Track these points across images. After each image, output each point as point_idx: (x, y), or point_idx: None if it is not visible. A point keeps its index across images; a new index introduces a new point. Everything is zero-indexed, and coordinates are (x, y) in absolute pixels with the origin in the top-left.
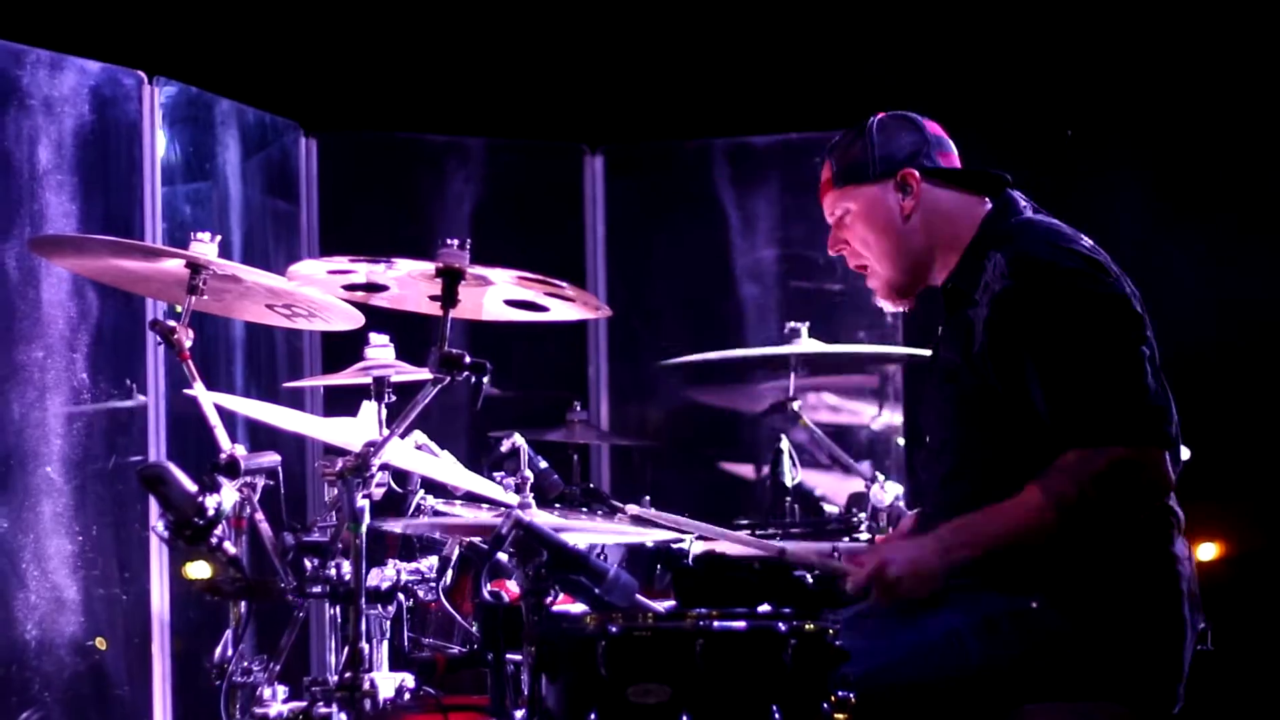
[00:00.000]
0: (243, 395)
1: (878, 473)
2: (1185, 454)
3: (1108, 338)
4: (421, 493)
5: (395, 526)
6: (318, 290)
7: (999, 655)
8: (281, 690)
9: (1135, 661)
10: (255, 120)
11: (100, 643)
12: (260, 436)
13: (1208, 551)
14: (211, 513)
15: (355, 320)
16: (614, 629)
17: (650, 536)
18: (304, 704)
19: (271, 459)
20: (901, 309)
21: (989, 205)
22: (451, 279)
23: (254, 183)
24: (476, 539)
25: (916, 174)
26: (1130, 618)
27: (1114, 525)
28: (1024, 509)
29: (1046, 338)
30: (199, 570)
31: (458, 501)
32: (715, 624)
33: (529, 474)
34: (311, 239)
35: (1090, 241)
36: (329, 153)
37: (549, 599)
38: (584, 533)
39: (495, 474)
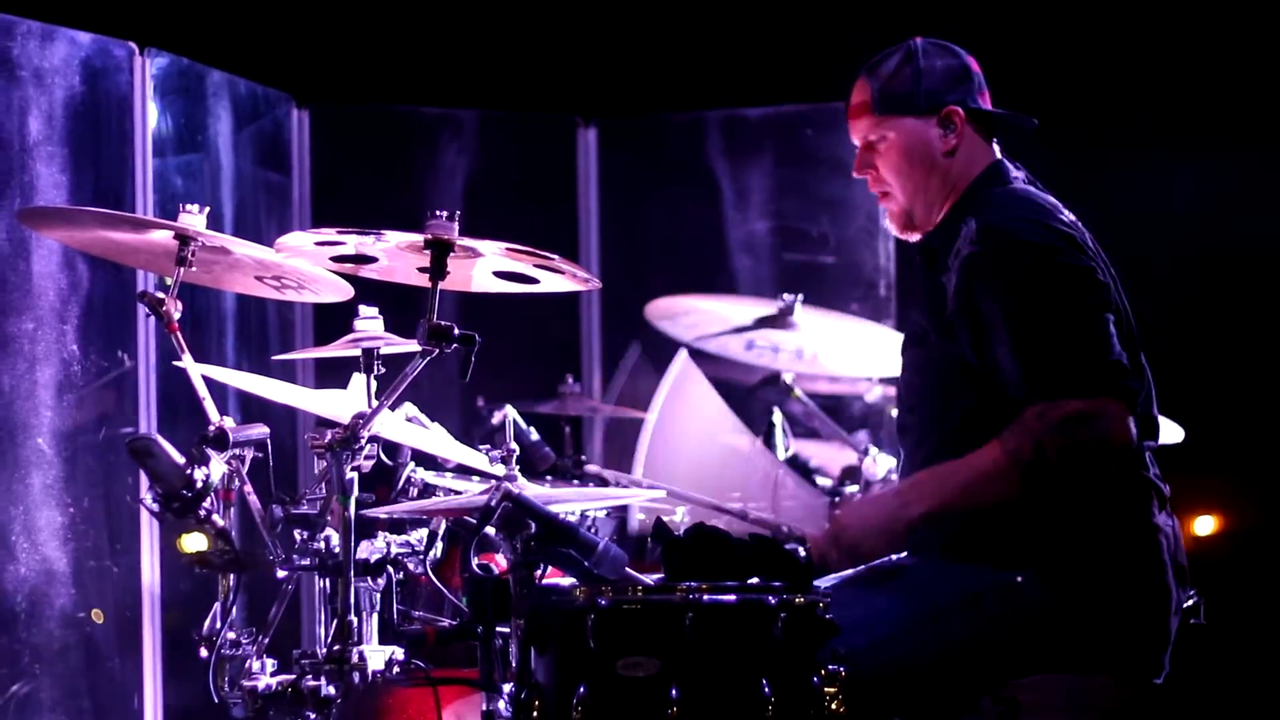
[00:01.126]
0: (234, 367)
1: (870, 445)
2: (1178, 435)
3: (1066, 301)
4: (412, 465)
5: (379, 512)
6: (306, 262)
7: (985, 630)
8: (270, 663)
9: (1120, 633)
10: (247, 92)
11: (97, 615)
12: (251, 408)
13: (1206, 525)
14: (200, 485)
15: (345, 292)
16: (603, 602)
17: (633, 500)
18: (293, 676)
19: (260, 431)
20: (911, 238)
21: (988, 163)
22: (440, 251)
23: (246, 155)
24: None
25: (962, 113)
26: (1114, 590)
27: (1085, 489)
28: (981, 462)
29: (1007, 302)
30: (195, 542)
31: (448, 474)
32: (705, 597)
33: (515, 446)
34: (303, 211)
35: (1070, 217)
36: (321, 125)
37: (538, 572)
38: (574, 503)
39: (486, 446)
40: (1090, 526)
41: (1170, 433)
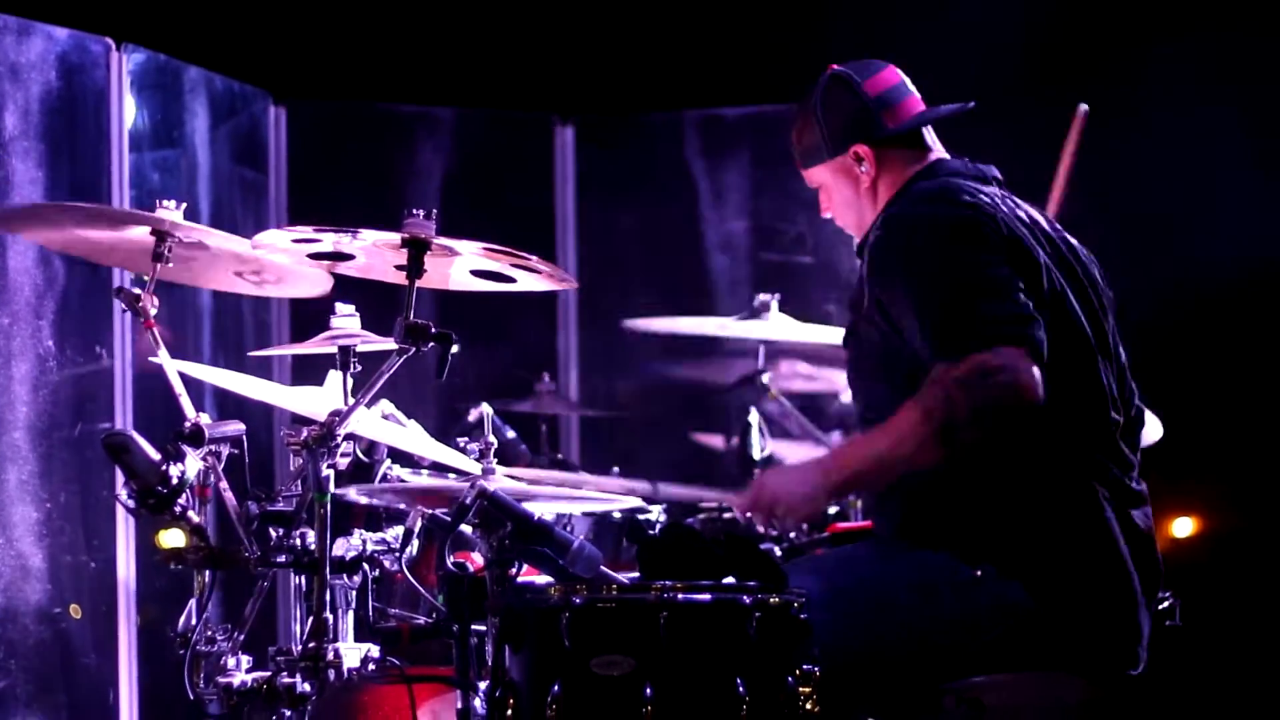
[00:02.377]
0: (210, 364)
1: None
2: (1158, 432)
3: (953, 259)
4: (388, 462)
5: (360, 496)
6: (285, 256)
7: (936, 620)
8: (246, 659)
9: (1083, 630)
10: (224, 88)
11: (74, 610)
12: (228, 405)
13: (1185, 528)
14: (175, 481)
15: (324, 284)
16: (578, 600)
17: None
18: (268, 673)
19: (236, 427)
20: None
21: (919, 166)
22: (417, 249)
23: (223, 151)
24: (439, 510)
25: (866, 148)
26: (1071, 587)
27: (1031, 475)
28: (897, 426)
29: (904, 276)
30: (173, 538)
31: (424, 471)
32: (679, 596)
33: (493, 440)
34: (280, 208)
35: (984, 200)
36: (298, 121)
37: (513, 570)
38: (550, 502)
39: (465, 439)
40: (1041, 521)
41: (1150, 429)
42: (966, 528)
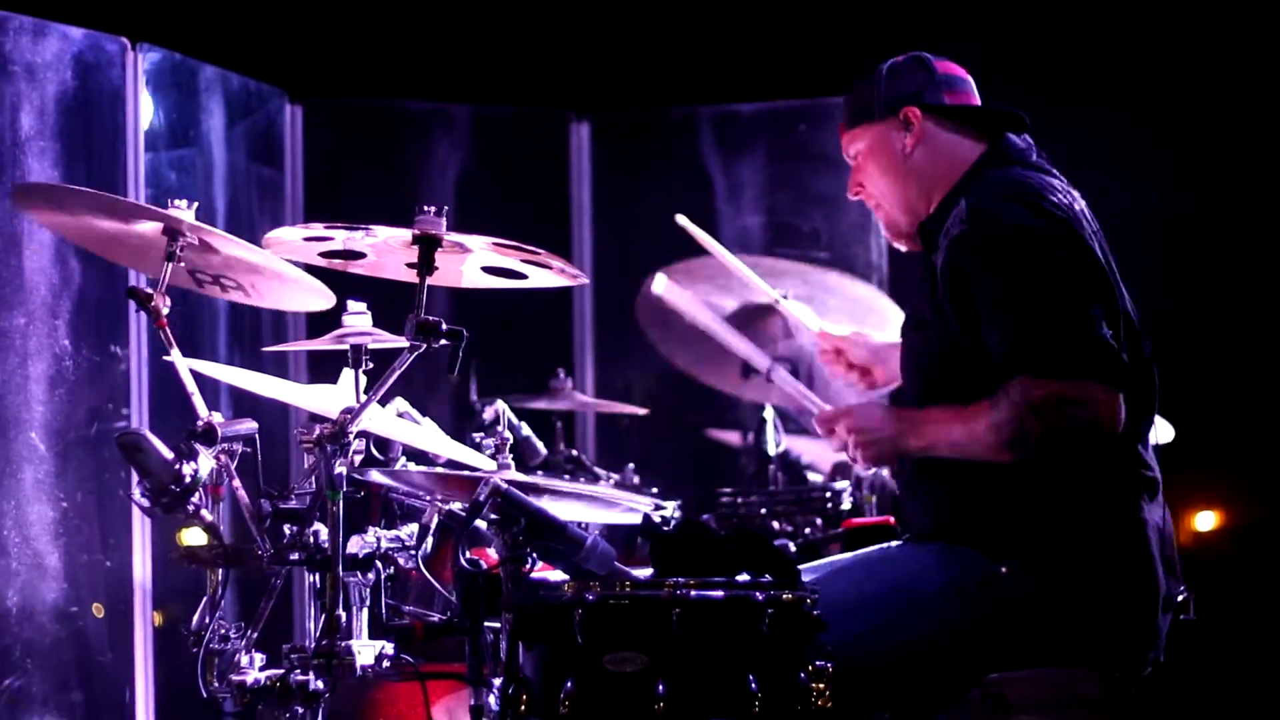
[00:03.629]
0: (226, 362)
1: None
2: (1168, 434)
3: (1051, 281)
4: (403, 460)
5: (381, 478)
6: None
7: (970, 621)
8: (259, 657)
9: (1106, 627)
10: (240, 87)
11: (98, 610)
12: (244, 403)
13: (1207, 521)
14: (188, 480)
15: (323, 297)
16: (591, 597)
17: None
18: (282, 671)
19: (248, 426)
20: (901, 247)
21: (984, 148)
22: (428, 246)
23: (239, 149)
24: (455, 505)
25: (918, 111)
26: (1100, 583)
27: (1072, 480)
28: (974, 425)
29: (995, 282)
30: (194, 536)
31: (439, 469)
32: (692, 593)
33: (509, 436)
34: (296, 206)
35: (1064, 199)
36: (314, 120)
37: (527, 566)
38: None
39: (480, 435)
40: (1077, 518)
41: (1161, 432)
42: (1000, 522)
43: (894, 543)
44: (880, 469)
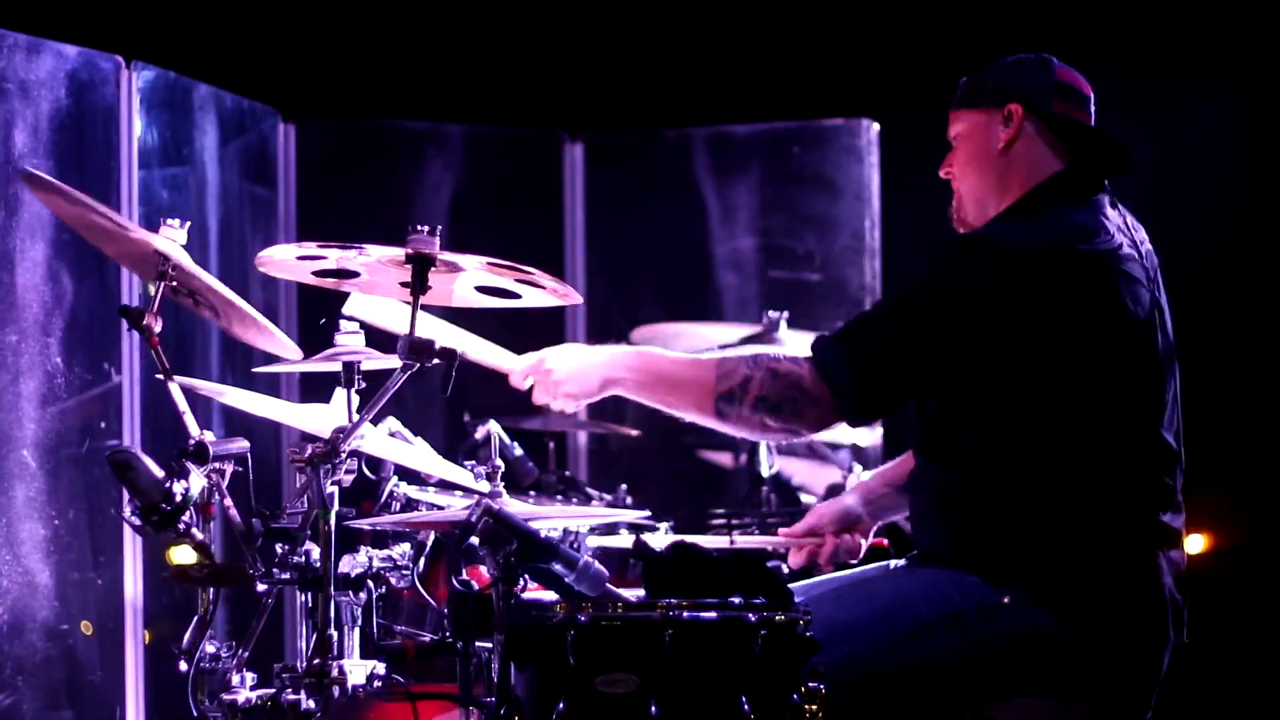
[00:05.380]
0: (218, 380)
1: (854, 463)
2: None
3: (922, 304)
4: (395, 480)
5: (363, 524)
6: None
7: (966, 649)
8: (250, 676)
9: (1108, 665)
10: (234, 106)
11: (86, 627)
12: (236, 422)
13: (1195, 544)
14: (179, 498)
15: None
16: (583, 618)
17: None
18: (273, 690)
19: (240, 445)
20: (962, 230)
21: (1063, 166)
22: (421, 265)
23: (232, 168)
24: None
25: (1021, 109)
26: (1108, 622)
27: (1096, 513)
28: (700, 364)
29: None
30: (184, 555)
31: (431, 489)
32: (685, 614)
33: (500, 462)
34: (289, 225)
35: (1106, 244)
36: (308, 139)
37: (519, 587)
38: (556, 520)
39: (471, 462)
40: (1093, 556)
41: None
42: (1011, 552)
43: (892, 562)
44: (581, 404)
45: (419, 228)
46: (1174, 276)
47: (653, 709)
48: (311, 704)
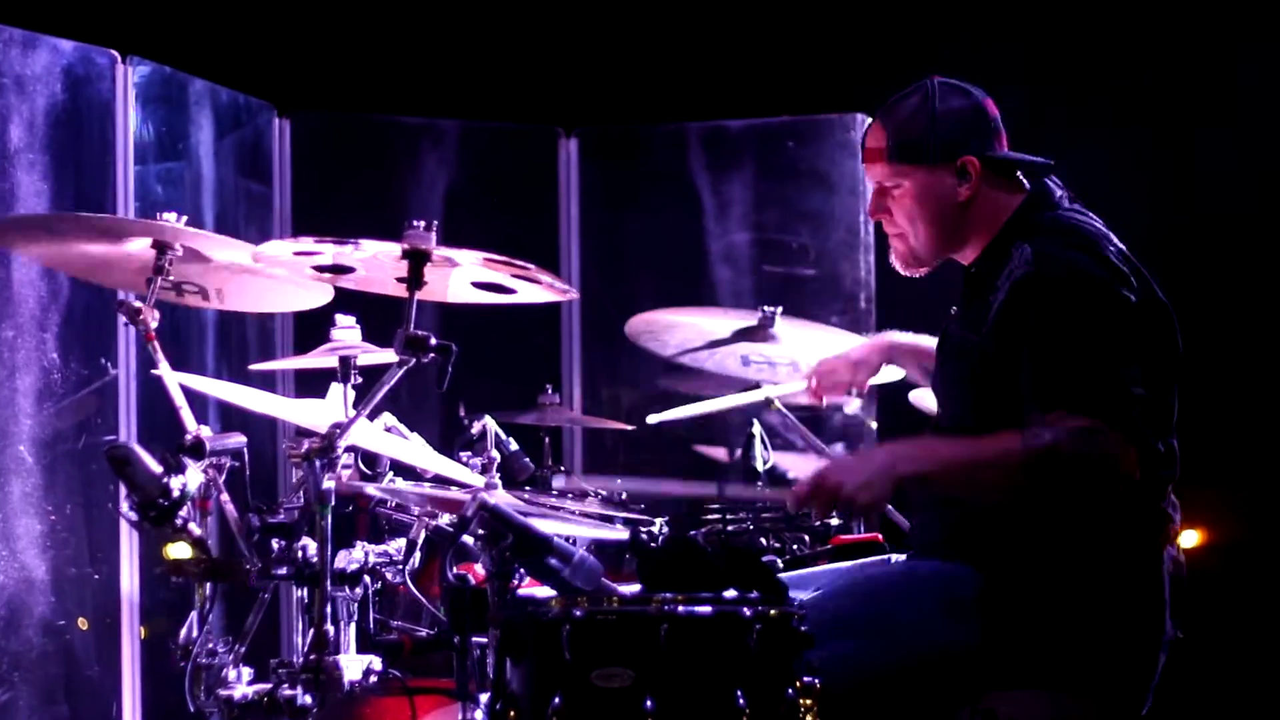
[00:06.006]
0: (214, 376)
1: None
2: None
3: (1108, 335)
4: (390, 475)
5: (373, 491)
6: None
7: (964, 641)
8: (247, 671)
9: (1105, 658)
10: (229, 100)
11: (83, 623)
12: (233, 417)
13: (1189, 539)
14: (176, 494)
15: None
16: (578, 612)
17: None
18: (269, 685)
19: (237, 440)
20: (914, 275)
21: (1024, 192)
22: (417, 261)
23: (227, 163)
24: (443, 521)
25: (978, 164)
26: (1104, 614)
27: (1096, 513)
28: (991, 440)
29: (1051, 322)
30: (180, 550)
31: (426, 484)
32: (680, 608)
33: (496, 455)
34: (284, 220)
35: (1119, 246)
36: (303, 134)
37: (515, 582)
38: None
39: (467, 454)
40: (1091, 547)
41: None
42: (1008, 544)
43: (890, 556)
44: (882, 507)
45: (415, 223)
46: (1162, 269)
47: (648, 703)
48: (308, 699)
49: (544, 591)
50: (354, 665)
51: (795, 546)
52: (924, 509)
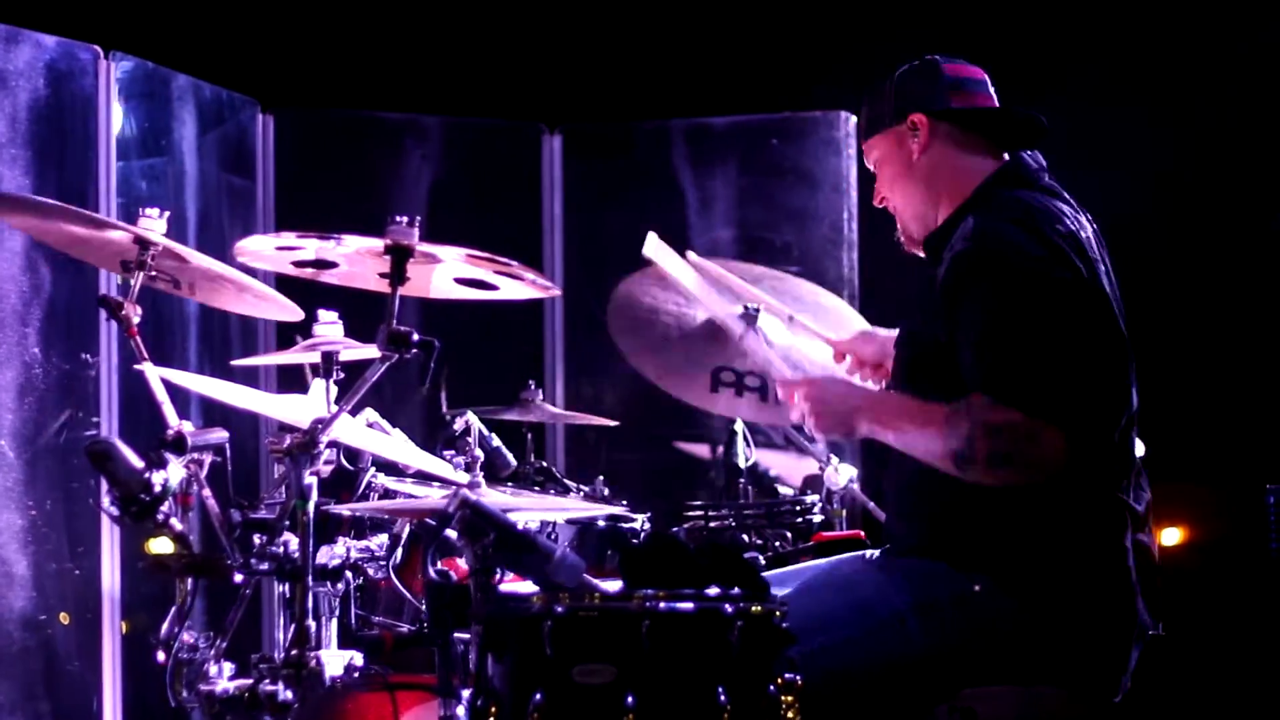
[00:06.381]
0: (196, 371)
1: (832, 455)
2: (1139, 450)
3: (1043, 315)
4: (373, 471)
5: (343, 509)
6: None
7: (941, 638)
8: (228, 667)
9: (1079, 650)
10: (212, 96)
11: (63, 618)
12: (214, 413)
13: (1171, 536)
14: (158, 489)
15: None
16: (560, 609)
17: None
18: (250, 681)
19: (218, 435)
20: (916, 252)
21: (1000, 162)
22: (400, 256)
23: (210, 159)
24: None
25: (924, 117)
26: (1075, 607)
27: (1056, 499)
28: (930, 431)
29: (988, 301)
30: (162, 545)
31: (409, 480)
32: (661, 605)
33: (479, 453)
34: (268, 216)
35: (1071, 226)
36: (286, 129)
37: (496, 578)
38: (534, 511)
39: (450, 452)
40: (1059, 541)
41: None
42: (978, 540)
43: (867, 552)
44: (829, 437)
45: (398, 218)
46: (1146, 261)
47: (629, 700)
48: (289, 695)
49: (526, 588)
50: (335, 661)
51: (777, 544)
52: (897, 509)
